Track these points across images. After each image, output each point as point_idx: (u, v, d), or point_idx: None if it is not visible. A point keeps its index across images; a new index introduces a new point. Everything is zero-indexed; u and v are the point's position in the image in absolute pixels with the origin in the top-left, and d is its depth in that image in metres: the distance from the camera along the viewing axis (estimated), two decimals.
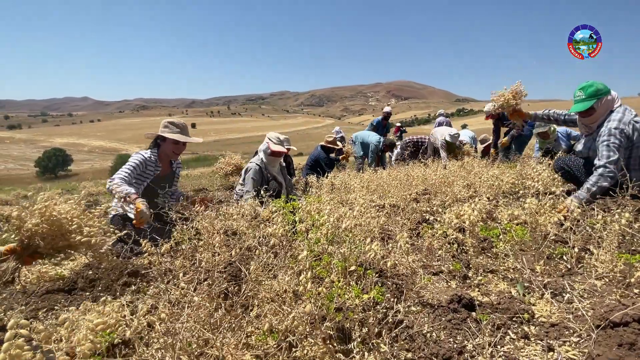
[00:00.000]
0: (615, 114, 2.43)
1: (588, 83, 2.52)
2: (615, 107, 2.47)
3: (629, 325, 1.05)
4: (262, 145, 3.53)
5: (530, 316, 1.29)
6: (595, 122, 2.52)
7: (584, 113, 2.52)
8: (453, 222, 1.88)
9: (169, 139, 2.70)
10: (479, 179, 3.15)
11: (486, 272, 1.74)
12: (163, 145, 2.74)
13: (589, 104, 2.46)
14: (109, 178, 2.51)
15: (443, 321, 1.30)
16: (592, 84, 2.50)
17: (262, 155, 3.51)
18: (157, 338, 1.04)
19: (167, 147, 2.74)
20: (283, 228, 1.72)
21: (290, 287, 1.28)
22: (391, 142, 6.87)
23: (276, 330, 1.16)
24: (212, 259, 1.56)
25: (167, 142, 2.72)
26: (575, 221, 1.93)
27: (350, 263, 1.44)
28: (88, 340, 0.90)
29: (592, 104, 2.46)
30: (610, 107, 2.47)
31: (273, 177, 3.58)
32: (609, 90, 2.48)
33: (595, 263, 1.60)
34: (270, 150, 3.46)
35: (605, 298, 1.32)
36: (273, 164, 3.59)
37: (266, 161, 3.50)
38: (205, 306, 1.18)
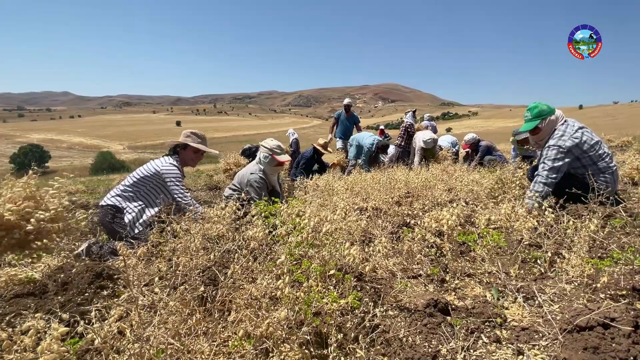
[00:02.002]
0: (556, 132, 2.69)
1: (534, 104, 2.81)
2: (558, 125, 2.72)
3: (593, 329, 1.09)
4: (262, 155, 3.32)
5: (503, 320, 1.32)
6: (542, 139, 2.81)
7: (532, 132, 2.83)
8: (432, 226, 1.91)
9: (190, 147, 2.84)
10: (460, 183, 3.21)
11: (463, 275, 1.78)
12: (183, 153, 2.86)
13: (534, 124, 2.76)
14: (182, 200, 2.64)
15: (419, 325, 1.31)
16: (537, 105, 2.79)
17: (264, 166, 3.32)
18: (126, 345, 1.01)
19: (188, 155, 2.87)
20: (263, 231, 1.71)
21: (268, 292, 1.27)
22: (384, 144, 6.93)
23: (252, 335, 1.15)
24: (190, 263, 1.53)
25: (189, 150, 2.86)
26: (549, 226, 2.00)
27: (329, 267, 1.44)
28: (53, 350, 0.86)
29: (537, 124, 2.75)
30: (553, 126, 2.73)
31: (272, 187, 3.44)
32: (553, 111, 2.76)
33: (566, 267, 1.66)
34: (277, 162, 3.29)
35: (574, 302, 1.37)
36: (274, 173, 3.45)
37: (268, 171, 3.33)
38: (180, 311, 1.15)
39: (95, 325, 0.99)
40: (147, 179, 2.66)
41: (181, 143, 2.85)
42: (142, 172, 2.67)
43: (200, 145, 2.88)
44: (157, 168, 2.68)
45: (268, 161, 3.29)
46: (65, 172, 2.52)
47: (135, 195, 2.63)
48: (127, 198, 2.62)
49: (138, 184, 2.65)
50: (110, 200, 2.59)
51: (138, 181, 2.65)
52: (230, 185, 3.49)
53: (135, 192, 2.63)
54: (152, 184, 2.67)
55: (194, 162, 2.95)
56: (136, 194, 2.63)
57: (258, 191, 3.21)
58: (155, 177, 2.67)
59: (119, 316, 1.25)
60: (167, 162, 2.74)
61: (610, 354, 1.01)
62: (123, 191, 2.63)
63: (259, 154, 3.37)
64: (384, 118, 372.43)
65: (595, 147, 2.62)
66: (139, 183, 2.65)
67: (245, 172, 3.36)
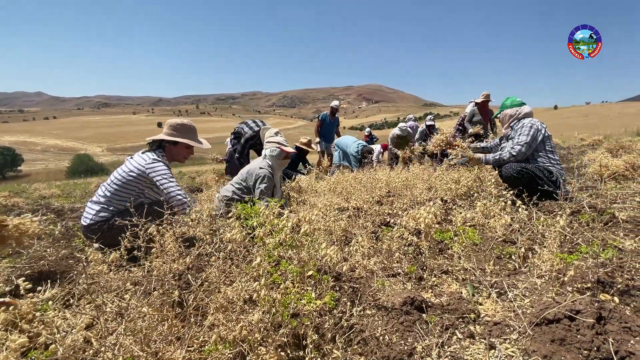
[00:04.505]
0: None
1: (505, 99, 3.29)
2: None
3: (560, 321, 1.13)
4: (269, 149, 3.13)
5: (477, 316, 1.35)
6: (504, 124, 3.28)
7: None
8: (410, 225, 1.93)
9: (181, 143, 2.54)
10: (439, 182, 3.27)
11: (440, 273, 1.81)
12: (173, 148, 2.55)
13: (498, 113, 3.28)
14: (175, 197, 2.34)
15: (396, 324, 1.32)
16: (507, 99, 3.25)
17: (271, 161, 3.10)
18: (94, 355, 0.97)
19: (179, 150, 2.57)
20: (240, 233, 1.68)
21: (242, 295, 1.25)
22: (369, 149, 7.03)
23: (225, 340, 1.13)
24: (164, 267, 1.49)
25: (180, 146, 2.56)
26: (522, 223, 2.06)
27: (308, 268, 1.43)
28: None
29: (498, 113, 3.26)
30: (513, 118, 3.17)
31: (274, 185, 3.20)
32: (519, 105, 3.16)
33: (538, 262, 1.71)
34: (285, 154, 3.10)
35: (544, 296, 1.41)
36: (281, 169, 3.23)
37: (275, 167, 3.11)
38: (151, 317, 1.12)
39: (58, 335, 0.94)
40: (131, 182, 2.35)
41: (170, 140, 2.52)
42: (125, 176, 2.35)
43: (192, 141, 2.58)
44: (140, 167, 2.36)
45: (276, 154, 3.09)
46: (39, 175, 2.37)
47: (120, 202, 2.33)
48: (112, 210, 2.32)
49: (121, 190, 2.35)
50: (98, 217, 2.29)
51: (121, 187, 2.35)
52: (232, 182, 3.13)
53: (119, 200, 2.34)
54: (138, 187, 2.38)
55: (185, 158, 2.64)
56: (120, 201, 2.34)
57: (269, 187, 2.95)
58: (141, 178, 2.36)
59: (87, 324, 1.20)
60: (150, 158, 2.41)
61: (575, 345, 1.05)
62: (106, 204, 2.33)
63: (265, 149, 3.17)
64: (368, 119, 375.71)
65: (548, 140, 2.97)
66: (123, 189, 2.35)
67: (252, 167, 3.08)
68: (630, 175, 3.52)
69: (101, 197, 2.35)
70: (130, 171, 2.35)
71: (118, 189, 2.34)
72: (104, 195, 2.35)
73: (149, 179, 2.37)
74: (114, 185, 2.34)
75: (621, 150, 5.06)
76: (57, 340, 0.90)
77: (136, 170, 2.35)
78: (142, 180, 2.37)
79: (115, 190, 2.33)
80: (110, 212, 2.30)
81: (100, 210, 2.30)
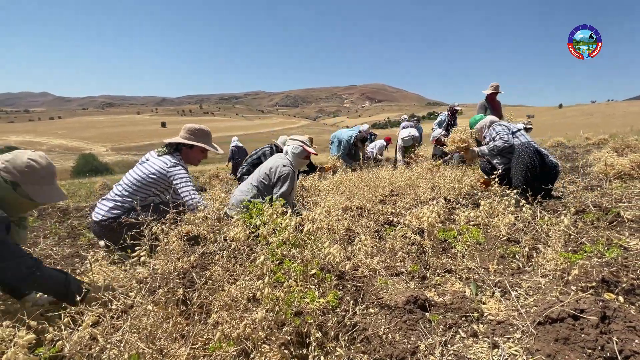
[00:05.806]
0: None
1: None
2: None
3: (564, 320, 1.13)
4: (292, 146, 3.18)
5: (480, 315, 1.35)
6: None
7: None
8: (413, 224, 1.93)
9: (197, 147, 2.67)
10: (442, 181, 3.26)
11: (444, 272, 1.81)
12: (190, 152, 2.68)
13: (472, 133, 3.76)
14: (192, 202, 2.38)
15: (399, 322, 1.33)
16: (471, 119, 3.68)
17: (292, 158, 3.14)
18: (100, 352, 0.98)
19: (195, 154, 2.70)
20: (244, 232, 1.69)
21: (246, 294, 1.26)
22: (363, 137, 7.16)
23: (229, 337, 1.14)
24: (168, 266, 1.50)
25: (196, 150, 2.69)
26: (526, 222, 2.05)
27: (311, 267, 1.44)
28: (18, 359, 0.83)
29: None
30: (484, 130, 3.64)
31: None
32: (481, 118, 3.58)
33: (542, 261, 1.71)
34: (307, 153, 3.16)
35: (547, 295, 1.41)
36: (300, 167, 3.34)
37: (295, 165, 3.16)
38: (155, 315, 1.13)
39: (65, 331, 0.96)
40: (151, 184, 2.41)
41: (187, 143, 2.63)
42: (145, 178, 2.40)
43: (207, 145, 2.71)
44: (162, 170, 2.43)
45: (298, 152, 3.14)
46: None
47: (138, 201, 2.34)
48: (127, 207, 2.34)
49: (139, 191, 2.38)
50: (111, 214, 2.31)
51: (139, 188, 2.38)
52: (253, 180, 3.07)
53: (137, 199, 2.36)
54: (157, 188, 2.44)
55: (199, 161, 2.78)
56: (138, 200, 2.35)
57: (291, 185, 2.97)
58: (161, 180, 2.43)
59: (93, 322, 1.22)
60: (171, 161, 2.48)
61: (579, 344, 1.04)
62: (120, 202, 2.35)
63: (287, 147, 3.22)
64: (371, 118, 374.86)
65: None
66: (141, 190, 2.39)
67: (274, 164, 3.06)
68: (636, 175, 3.49)
69: (117, 196, 2.38)
70: (151, 173, 2.42)
71: (137, 189, 2.38)
72: (120, 194, 2.38)
73: (169, 182, 2.45)
74: (132, 186, 2.38)
75: (627, 149, 5.02)
76: (64, 336, 0.91)
77: (157, 173, 2.42)
78: (161, 183, 2.44)
79: (134, 191, 2.38)
80: (123, 209, 2.34)
81: (113, 207, 2.34)
